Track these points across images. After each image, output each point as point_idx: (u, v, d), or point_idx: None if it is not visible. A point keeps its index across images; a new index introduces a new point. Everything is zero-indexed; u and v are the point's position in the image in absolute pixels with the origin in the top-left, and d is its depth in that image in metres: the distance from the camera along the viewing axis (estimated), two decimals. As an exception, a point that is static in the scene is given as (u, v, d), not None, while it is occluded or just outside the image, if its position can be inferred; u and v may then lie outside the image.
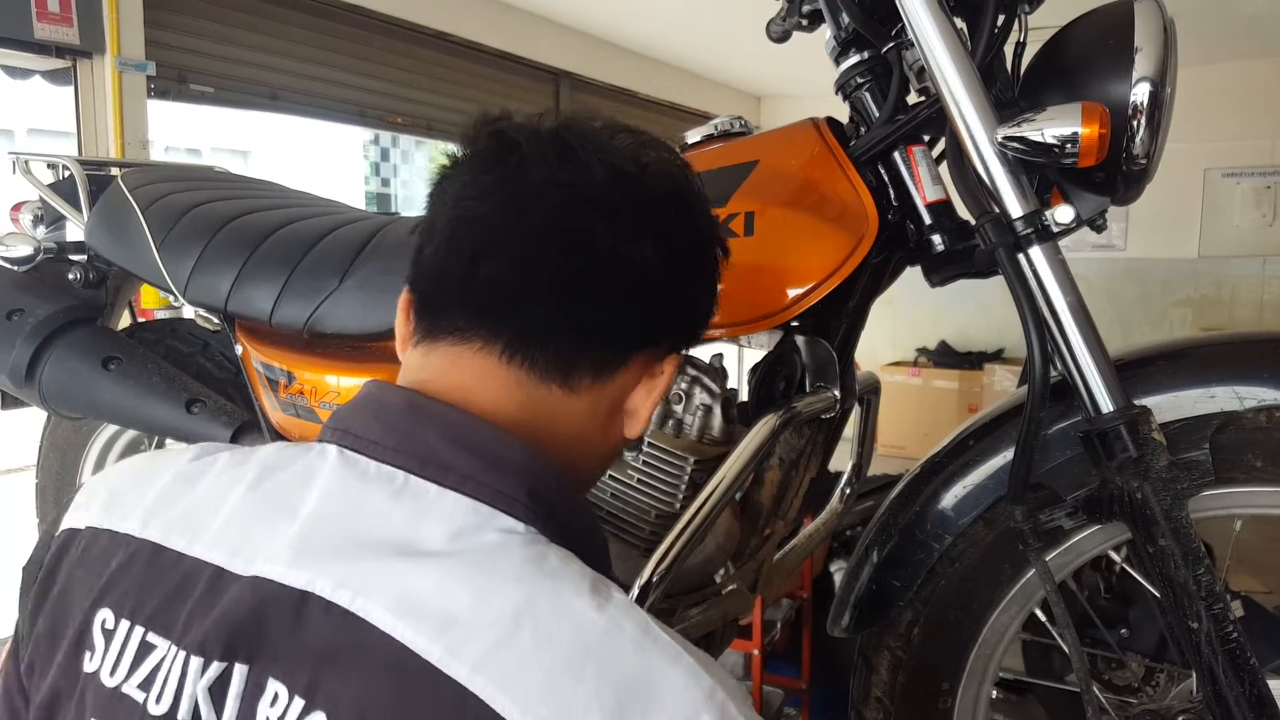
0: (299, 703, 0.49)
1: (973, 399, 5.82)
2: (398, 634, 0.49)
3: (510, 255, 0.61)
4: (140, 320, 1.95)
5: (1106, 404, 0.91)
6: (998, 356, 6.04)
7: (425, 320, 0.65)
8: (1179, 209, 5.38)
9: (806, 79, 5.72)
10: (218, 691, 0.51)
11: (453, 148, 0.69)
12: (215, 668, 0.51)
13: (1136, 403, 0.92)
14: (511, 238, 0.61)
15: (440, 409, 0.59)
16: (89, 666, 0.56)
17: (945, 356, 6.15)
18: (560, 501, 0.59)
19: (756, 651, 2.28)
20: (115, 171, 1.74)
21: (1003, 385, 5.60)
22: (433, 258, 0.64)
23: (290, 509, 0.56)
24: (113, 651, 0.55)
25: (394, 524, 0.54)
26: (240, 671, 0.51)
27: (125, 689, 0.54)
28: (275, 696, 0.50)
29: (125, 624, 0.56)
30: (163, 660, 0.53)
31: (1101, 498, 0.91)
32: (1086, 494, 0.93)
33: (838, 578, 2.54)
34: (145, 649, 0.54)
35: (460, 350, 0.62)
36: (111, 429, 1.91)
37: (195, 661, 0.52)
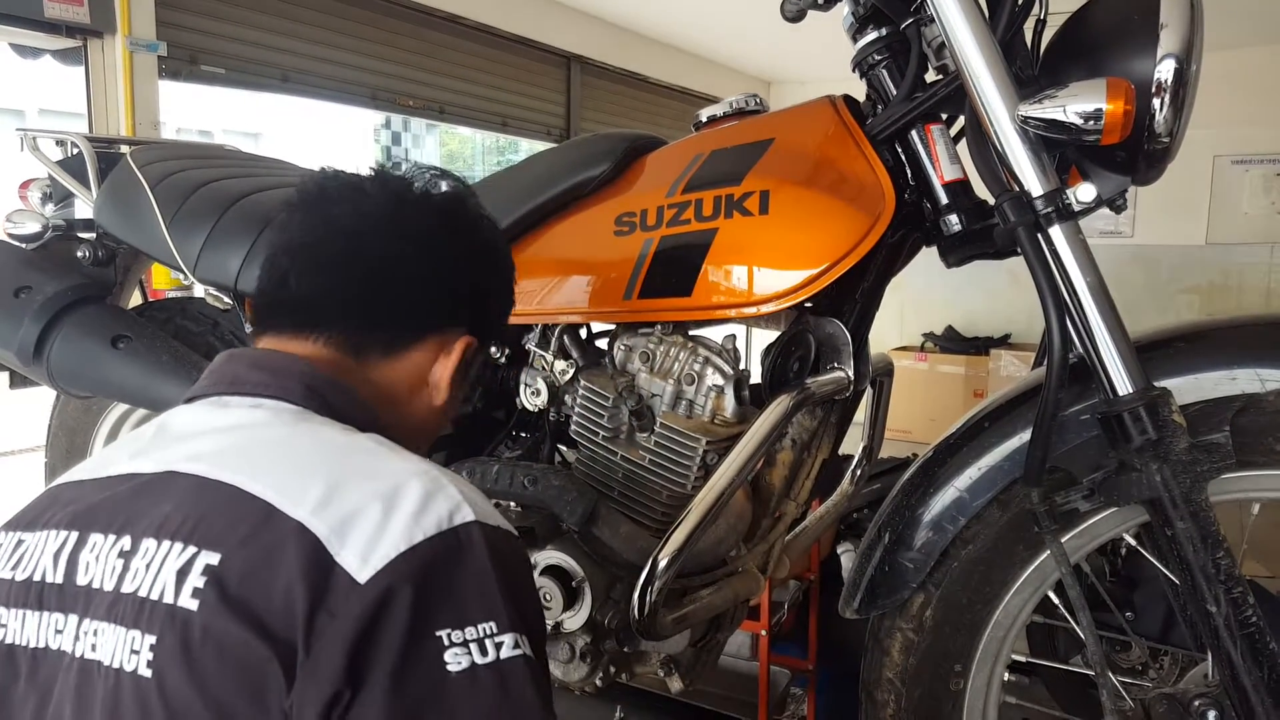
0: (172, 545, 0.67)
1: (979, 384, 5.80)
2: (211, 475, 0.69)
3: (310, 272, 0.83)
4: (150, 300, 1.94)
5: (1126, 386, 0.90)
6: (1004, 342, 6.02)
7: (258, 322, 0.86)
8: (1187, 196, 5.34)
9: (817, 64, 5.68)
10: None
11: (465, 131, 0.80)
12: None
13: (1156, 384, 0.91)
14: (311, 259, 0.83)
15: (250, 351, 0.84)
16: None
17: (952, 342, 6.12)
18: (337, 399, 0.79)
19: (764, 632, 2.28)
20: (124, 149, 1.73)
21: (1009, 371, 5.58)
22: (262, 278, 0.86)
23: (174, 438, 0.77)
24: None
25: (216, 424, 0.76)
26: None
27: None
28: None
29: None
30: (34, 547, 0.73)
31: (1119, 480, 0.90)
32: (1103, 476, 0.92)
33: (845, 560, 2.54)
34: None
35: (283, 339, 0.84)
36: (121, 408, 1.91)
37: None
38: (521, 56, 4.87)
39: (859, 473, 1.52)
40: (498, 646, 0.62)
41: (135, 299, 1.97)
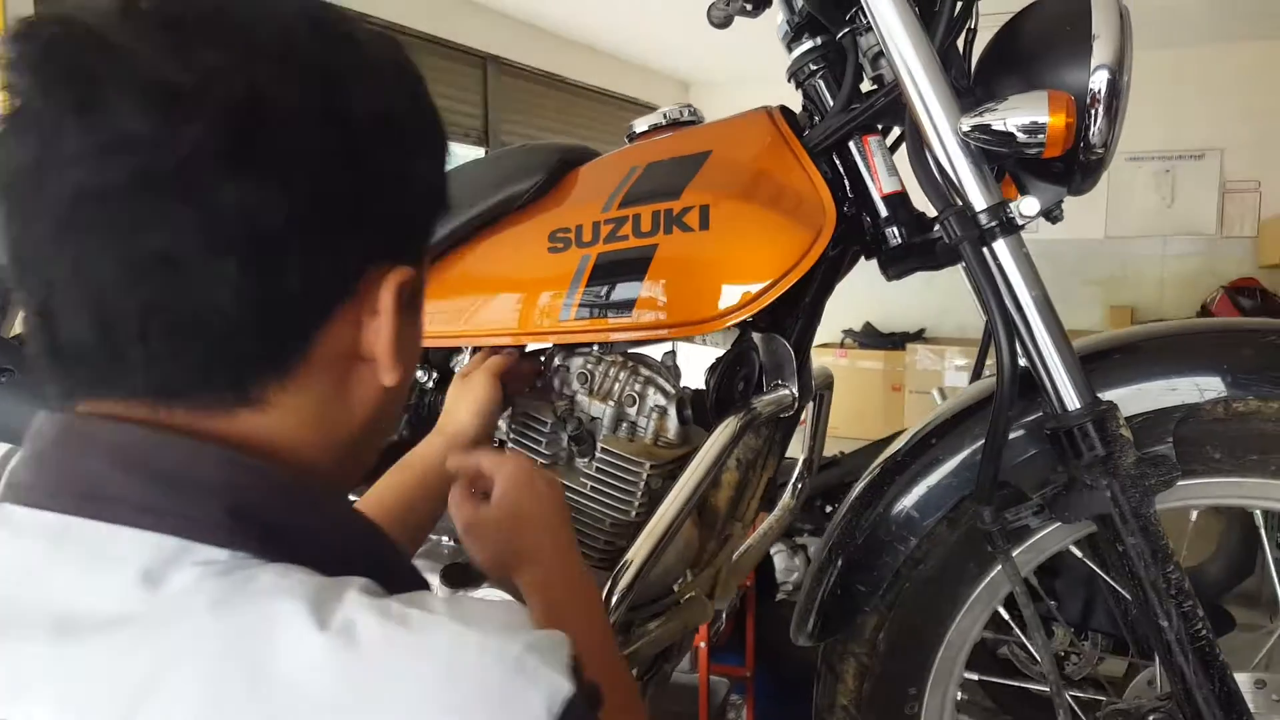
0: None
1: (896, 379, 5.94)
2: None
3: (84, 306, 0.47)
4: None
5: (1073, 400, 0.89)
6: (919, 337, 6.18)
7: (58, 380, 0.52)
8: (1086, 193, 5.54)
9: (735, 65, 5.71)
10: None
11: None
12: None
13: (1102, 398, 0.91)
14: (68, 272, 0.46)
15: (105, 430, 0.47)
16: None
17: (870, 338, 6.26)
18: (282, 513, 0.49)
19: (703, 644, 2.26)
20: None
21: (924, 365, 5.72)
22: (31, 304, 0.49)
23: None
24: None
25: (57, 588, 0.44)
26: None
27: None
28: None
29: None
30: None
31: (1070, 497, 0.89)
32: (1053, 492, 0.92)
33: (778, 560, 2.55)
34: None
35: (109, 403, 0.50)
36: (4, 447, 1.77)
37: None
38: (435, 57, 4.77)
39: (800, 486, 1.50)
40: None
41: (18, 326, 1.84)
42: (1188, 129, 5.55)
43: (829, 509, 2.71)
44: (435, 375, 1.31)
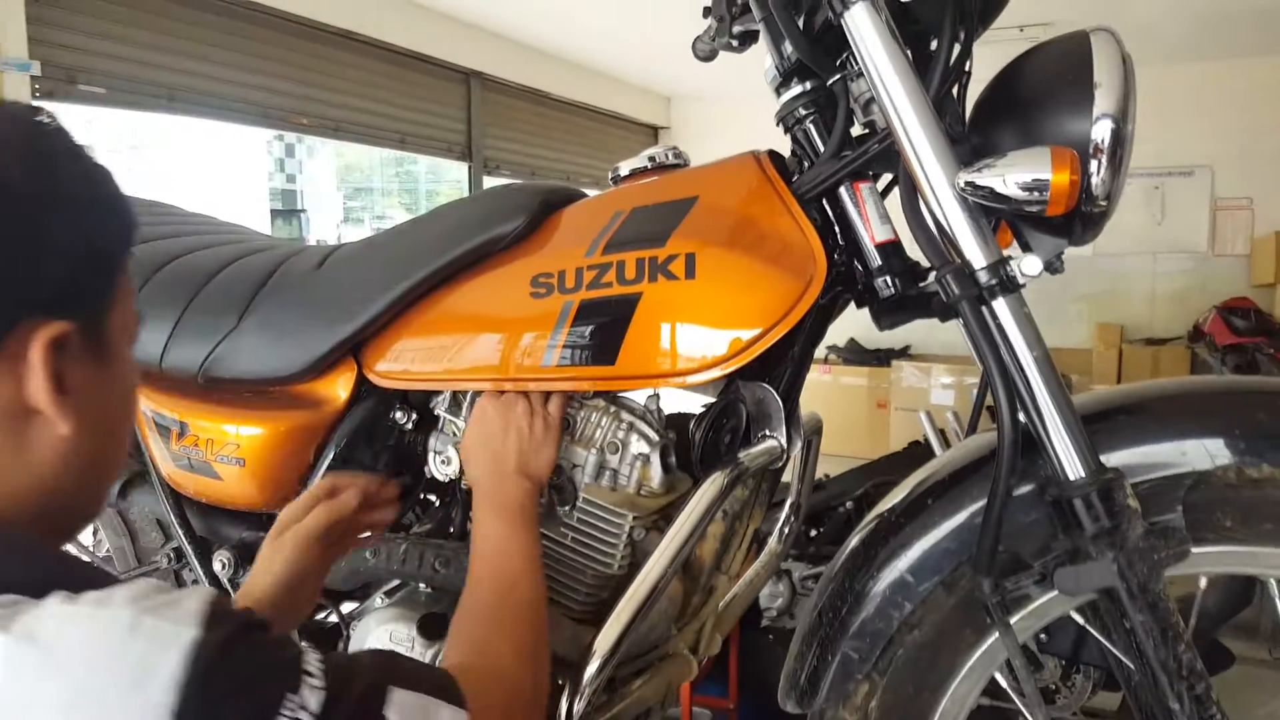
0: None
1: (881, 395, 5.92)
2: None
3: None
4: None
5: (1077, 469, 0.86)
6: (904, 354, 6.16)
7: None
8: (1075, 206, 5.55)
9: (717, 81, 5.70)
10: None
11: (361, 148, 0.62)
12: None
13: (1107, 462, 0.87)
14: None
15: None
16: None
17: (854, 354, 6.24)
18: None
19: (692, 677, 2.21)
20: None
21: (909, 383, 5.70)
22: None
23: None
24: None
25: None
26: None
27: None
28: None
29: None
30: None
31: (1073, 570, 0.85)
32: (1055, 562, 0.88)
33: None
34: None
35: None
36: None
37: None
38: (419, 73, 4.74)
39: (787, 531, 1.46)
40: None
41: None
42: (1178, 146, 5.53)
43: (813, 533, 2.68)
44: (414, 416, 1.26)
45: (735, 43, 1.17)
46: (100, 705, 0.50)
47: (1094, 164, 0.89)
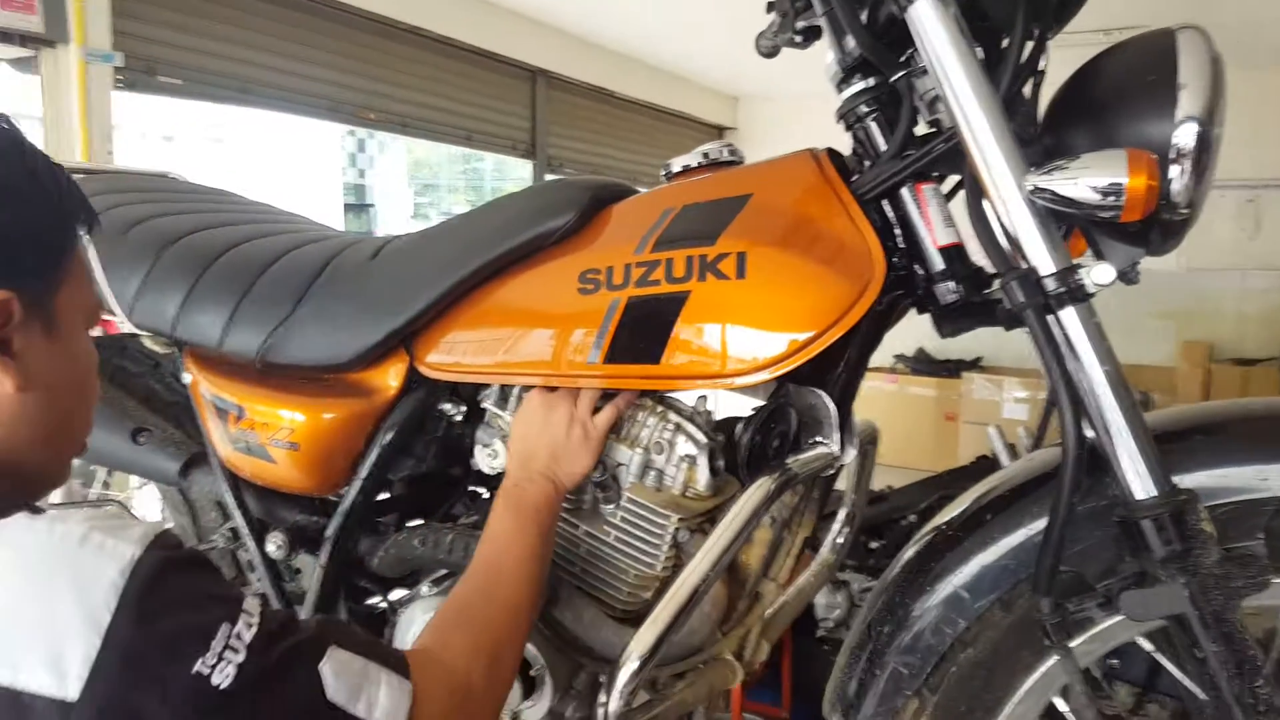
0: None
1: (950, 407, 5.77)
2: None
3: None
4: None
5: (1147, 488, 0.81)
6: (975, 365, 6.00)
7: None
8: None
9: (785, 81, 5.63)
10: None
11: (429, 145, 0.67)
12: None
13: (1180, 483, 0.82)
14: None
15: None
16: None
17: (922, 364, 6.10)
18: None
19: (736, 684, 2.18)
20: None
21: (980, 395, 5.55)
22: None
23: None
24: None
25: None
26: None
27: None
28: None
29: None
30: None
31: (1140, 594, 0.80)
32: (1121, 585, 0.83)
33: (818, 596, 2.46)
34: None
35: None
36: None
37: None
38: (486, 70, 4.78)
39: (841, 541, 1.42)
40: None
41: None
42: (1276, 156, 5.24)
43: (873, 545, 2.62)
44: (464, 408, 1.26)
45: (798, 38, 1.14)
46: (48, 603, 0.58)
47: (1175, 169, 0.84)
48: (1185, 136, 0.83)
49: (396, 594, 1.32)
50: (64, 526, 0.61)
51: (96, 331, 1.84)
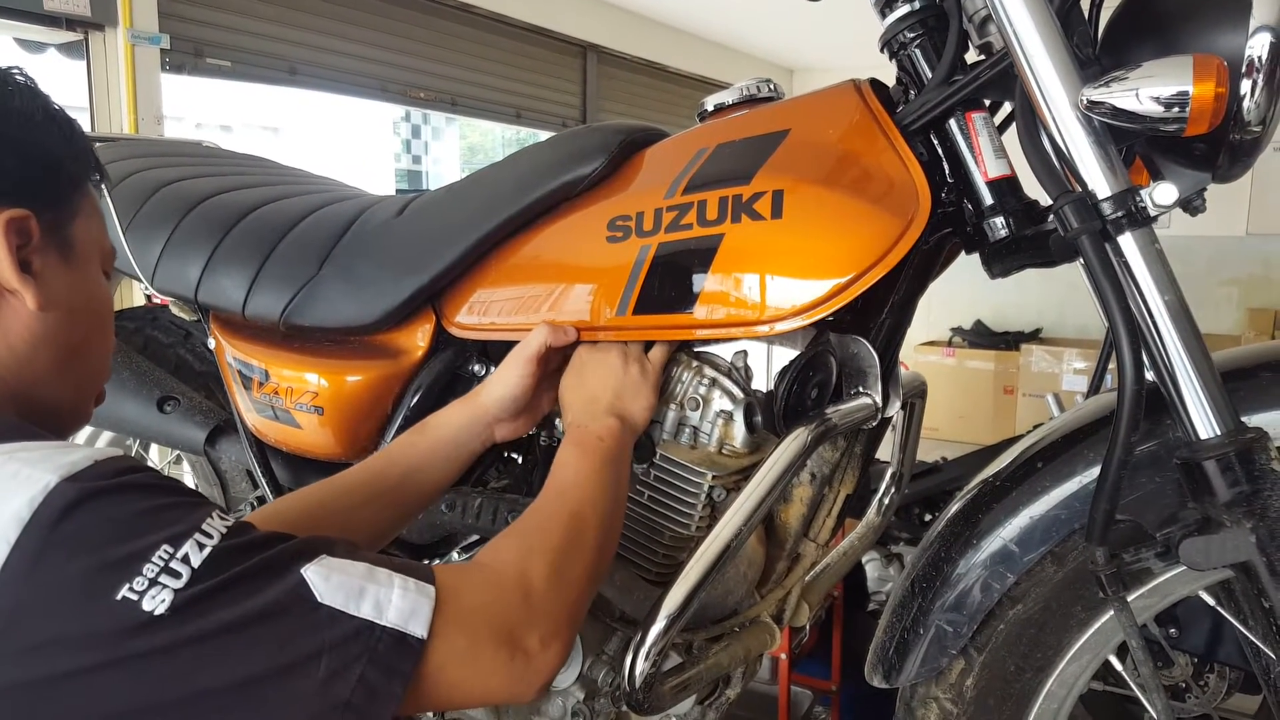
0: None
1: (1009, 380, 5.64)
2: None
3: None
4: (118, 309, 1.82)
5: (1211, 427, 0.74)
6: (1035, 337, 5.85)
7: None
8: (1227, 185, 5.12)
9: (841, 50, 5.50)
10: None
11: (485, 124, 0.62)
12: None
13: (1248, 423, 0.76)
14: None
15: None
16: None
17: (981, 336, 5.96)
18: None
19: (784, 656, 2.15)
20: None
21: (1040, 368, 5.41)
22: None
23: None
24: None
25: None
26: None
27: None
28: None
29: None
30: None
31: (1203, 540, 0.74)
32: (1182, 532, 0.77)
33: (870, 569, 2.41)
34: None
35: None
36: (88, 430, 1.79)
37: None
38: (536, 46, 4.75)
39: (886, 503, 1.37)
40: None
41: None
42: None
43: (927, 518, 2.56)
44: (493, 367, 1.23)
45: None
46: None
47: (1247, 83, 0.76)
48: (1259, 46, 0.75)
49: (426, 562, 1.29)
50: None
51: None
